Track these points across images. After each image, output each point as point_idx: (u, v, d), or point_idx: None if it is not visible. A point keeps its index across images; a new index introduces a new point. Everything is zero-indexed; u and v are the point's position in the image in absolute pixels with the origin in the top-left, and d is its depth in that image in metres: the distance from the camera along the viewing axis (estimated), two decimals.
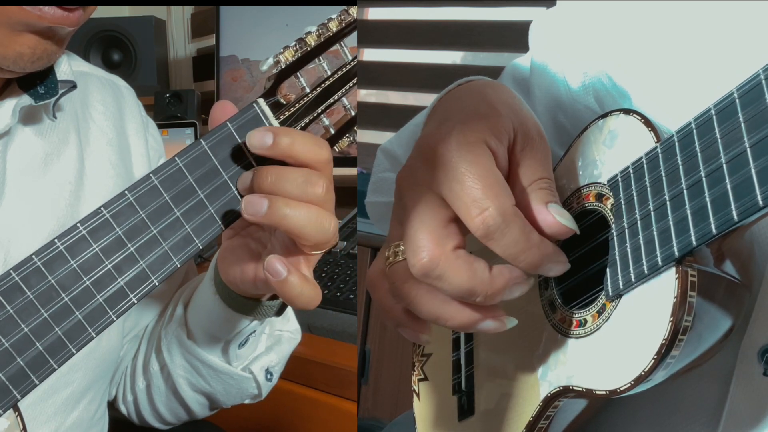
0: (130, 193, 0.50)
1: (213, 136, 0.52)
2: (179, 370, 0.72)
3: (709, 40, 0.50)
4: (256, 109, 0.53)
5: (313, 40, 0.56)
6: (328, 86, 0.56)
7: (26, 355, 0.48)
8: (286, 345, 0.74)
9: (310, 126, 0.56)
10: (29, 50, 0.55)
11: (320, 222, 0.50)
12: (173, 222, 0.51)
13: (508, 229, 0.44)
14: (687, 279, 0.42)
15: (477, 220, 0.44)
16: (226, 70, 1.70)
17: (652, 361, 0.43)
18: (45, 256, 0.48)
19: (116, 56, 1.97)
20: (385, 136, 2.21)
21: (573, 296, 0.51)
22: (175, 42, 2.12)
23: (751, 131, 0.38)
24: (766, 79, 0.38)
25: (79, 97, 0.70)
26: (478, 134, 0.46)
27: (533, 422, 0.51)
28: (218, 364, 0.70)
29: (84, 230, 0.48)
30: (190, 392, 0.73)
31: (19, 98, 0.61)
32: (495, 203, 0.43)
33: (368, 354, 1.82)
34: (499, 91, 0.51)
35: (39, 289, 0.48)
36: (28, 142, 0.64)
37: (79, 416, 0.68)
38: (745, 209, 0.38)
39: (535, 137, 0.48)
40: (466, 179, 0.44)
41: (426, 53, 2.24)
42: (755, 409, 0.47)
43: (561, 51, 0.65)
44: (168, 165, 0.51)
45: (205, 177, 0.51)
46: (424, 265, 0.45)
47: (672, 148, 0.44)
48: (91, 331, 0.49)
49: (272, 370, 0.73)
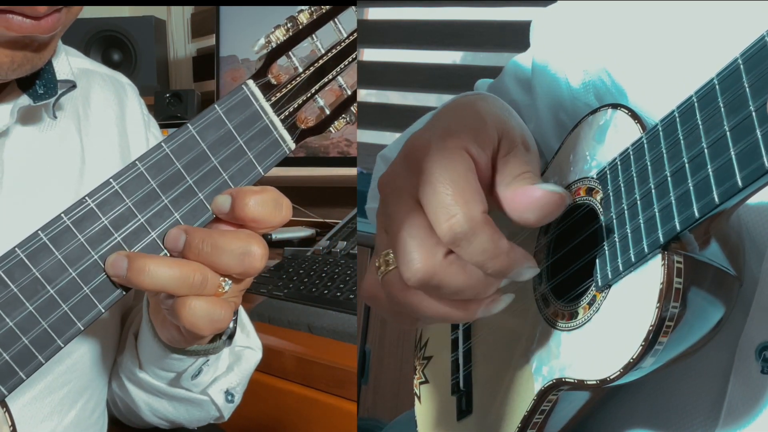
0: (115, 181, 0.48)
1: (201, 120, 0.50)
2: (140, 394, 0.70)
3: (708, 38, 0.50)
4: (246, 91, 0.52)
5: (306, 18, 0.54)
6: (322, 65, 0.54)
7: (12, 349, 0.46)
8: (247, 363, 0.72)
9: (304, 106, 0.54)
10: (7, 59, 0.54)
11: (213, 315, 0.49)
12: (161, 210, 0.49)
13: (474, 237, 0.43)
14: (673, 265, 0.42)
15: (444, 226, 0.43)
16: (226, 70, 1.70)
17: (640, 348, 0.43)
18: (29, 248, 0.46)
19: (116, 56, 1.97)
20: (385, 136, 2.22)
21: (565, 290, 0.51)
22: (175, 42, 2.12)
23: (729, 115, 0.39)
24: (744, 63, 0.38)
25: (80, 94, 0.70)
26: (457, 141, 0.45)
27: (528, 417, 0.51)
28: (174, 391, 0.68)
29: (68, 221, 0.47)
30: (152, 417, 0.72)
31: (18, 98, 0.61)
32: (464, 210, 0.43)
33: (368, 354, 1.82)
34: (490, 103, 0.50)
35: (23, 282, 0.46)
36: (27, 141, 0.64)
37: (76, 416, 0.68)
38: (725, 191, 0.39)
39: (519, 144, 0.47)
40: (438, 184, 0.44)
41: (426, 53, 2.24)
42: (753, 407, 0.47)
43: (561, 49, 0.65)
44: (154, 151, 0.49)
45: (193, 162, 0.50)
46: (420, 278, 0.44)
47: (656, 137, 0.44)
48: (78, 324, 0.48)
49: (233, 391, 0.70)
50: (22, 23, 0.51)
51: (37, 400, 0.63)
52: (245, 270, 0.49)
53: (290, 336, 0.99)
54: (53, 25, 0.53)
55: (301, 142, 0.55)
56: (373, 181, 0.74)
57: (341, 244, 1.20)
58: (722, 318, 0.45)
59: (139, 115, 0.76)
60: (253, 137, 0.52)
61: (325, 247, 1.21)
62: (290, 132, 0.54)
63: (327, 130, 0.56)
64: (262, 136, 0.53)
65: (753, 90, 0.37)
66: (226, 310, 0.49)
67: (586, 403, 0.54)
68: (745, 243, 0.46)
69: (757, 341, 0.47)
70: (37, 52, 0.55)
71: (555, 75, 0.65)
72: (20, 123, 0.63)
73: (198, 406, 0.70)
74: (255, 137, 0.52)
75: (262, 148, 0.53)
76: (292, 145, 0.54)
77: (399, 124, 2.12)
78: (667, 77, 0.52)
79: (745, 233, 0.47)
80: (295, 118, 0.54)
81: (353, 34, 0.55)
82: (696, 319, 0.44)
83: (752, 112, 0.37)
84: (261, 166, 0.53)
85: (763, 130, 0.37)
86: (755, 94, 0.37)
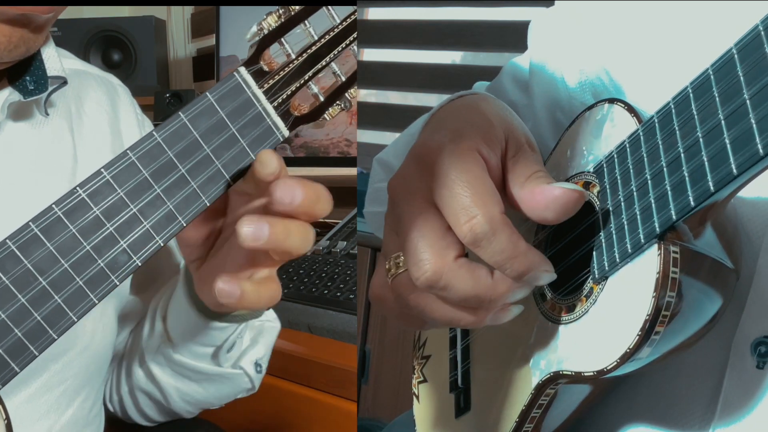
0: (106, 170, 0.48)
1: (192, 108, 0.50)
2: (170, 380, 0.71)
3: (705, 37, 0.50)
4: (237, 78, 0.51)
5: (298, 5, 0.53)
6: (315, 51, 0.54)
7: (4, 342, 0.46)
8: (269, 335, 0.74)
9: (297, 93, 0.54)
10: (5, 38, 0.54)
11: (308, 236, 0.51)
12: (153, 199, 0.49)
13: (495, 237, 0.44)
14: (669, 255, 0.42)
15: (465, 227, 0.44)
16: (226, 70, 1.70)
17: (636, 337, 0.43)
18: (19, 240, 0.46)
19: (116, 56, 1.97)
20: (385, 136, 2.22)
21: (562, 283, 0.51)
22: (175, 42, 2.12)
23: (724, 103, 0.39)
24: (738, 52, 0.38)
25: (73, 94, 0.70)
26: (470, 142, 0.46)
27: (526, 411, 0.51)
28: (210, 369, 0.69)
29: (59, 211, 0.47)
30: (180, 403, 0.73)
31: (8, 94, 0.61)
32: (483, 210, 0.44)
33: (368, 354, 1.82)
34: (492, 104, 0.51)
35: (15, 273, 0.46)
36: (18, 137, 0.64)
37: (73, 414, 0.68)
38: (720, 179, 0.39)
39: (525, 146, 0.48)
40: (456, 186, 0.45)
41: (426, 53, 2.24)
42: (749, 402, 0.47)
43: (558, 49, 0.65)
44: (146, 140, 0.49)
45: (185, 151, 0.49)
46: (428, 278, 0.45)
47: (652, 129, 0.44)
48: (71, 315, 0.47)
49: (261, 362, 0.73)
50: None
51: (33, 399, 0.63)
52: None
53: (290, 336, 0.99)
54: (51, 7, 0.54)
55: (295, 129, 0.55)
56: (370, 186, 0.74)
57: (341, 244, 1.20)
58: (719, 310, 0.45)
59: (132, 116, 0.76)
60: (246, 125, 0.52)
61: (325, 247, 1.21)
62: (284, 119, 0.54)
63: (321, 118, 0.56)
64: (255, 124, 0.52)
65: (747, 78, 0.37)
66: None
67: (585, 398, 0.54)
68: (741, 237, 0.46)
69: (752, 336, 0.47)
70: (34, 33, 0.56)
71: (552, 75, 0.66)
72: (11, 119, 0.63)
73: (230, 382, 0.71)
74: (248, 125, 0.52)
75: (255, 136, 0.52)
76: (285, 132, 0.54)
77: (399, 124, 2.11)
78: (664, 76, 0.52)
79: (740, 227, 0.47)
80: (289, 105, 0.54)
81: (347, 19, 0.55)
82: (692, 309, 0.44)
83: (746, 100, 0.37)
84: (254, 153, 0.52)
85: (757, 117, 0.37)
86: (749, 82, 0.37)
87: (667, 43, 0.53)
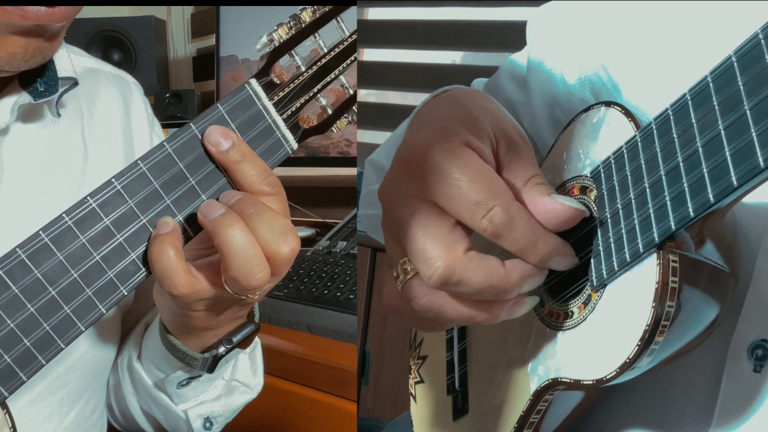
0: (117, 180, 0.48)
1: (203, 119, 0.50)
2: (130, 388, 0.71)
3: (702, 34, 0.50)
4: (248, 90, 0.52)
5: (308, 17, 0.54)
6: (325, 64, 0.54)
7: (13, 351, 0.46)
8: (238, 398, 0.71)
9: (306, 106, 0.54)
10: (21, 50, 0.54)
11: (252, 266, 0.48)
12: (163, 210, 0.49)
13: (514, 224, 0.44)
14: (669, 265, 0.42)
15: (483, 221, 0.44)
16: (226, 70, 1.70)
17: (636, 347, 0.43)
18: (29, 249, 0.46)
19: (116, 56, 1.97)
20: (385, 136, 2.20)
21: (560, 290, 0.51)
22: (175, 42, 2.12)
23: (724, 114, 0.39)
24: (738, 61, 0.38)
25: (85, 92, 0.70)
26: (458, 138, 0.46)
27: (524, 417, 0.51)
28: (156, 394, 0.68)
29: (70, 221, 0.47)
30: (143, 418, 0.72)
31: (18, 96, 0.61)
32: (498, 201, 0.44)
33: (368, 354, 1.82)
34: (474, 97, 0.51)
35: (24, 283, 0.46)
36: (28, 139, 0.64)
37: (76, 417, 0.67)
38: (720, 191, 0.39)
39: (517, 140, 0.48)
40: (462, 184, 0.44)
41: (426, 53, 2.24)
42: (746, 406, 0.47)
43: (557, 46, 0.65)
44: (156, 151, 0.49)
45: (195, 163, 0.50)
46: (441, 274, 0.44)
47: (650, 136, 0.44)
48: (80, 325, 0.47)
49: (213, 420, 0.70)
50: (38, 11, 0.52)
51: (36, 402, 0.63)
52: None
53: (290, 336, 0.99)
54: (66, 13, 0.54)
55: (303, 141, 0.55)
56: (363, 188, 0.74)
57: (341, 244, 1.20)
58: (717, 316, 0.45)
59: (144, 115, 0.76)
60: (256, 137, 0.52)
61: (325, 247, 1.21)
62: (292, 132, 0.54)
63: (329, 130, 0.56)
64: (265, 136, 0.52)
65: (747, 88, 0.37)
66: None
67: (581, 403, 0.54)
68: (740, 240, 0.46)
69: (749, 340, 0.47)
70: (49, 41, 0.56)
71: (550, 71, 0.65)
72: (21, 121, 0.63)
73: (175, 420, 0.69)
74: (257, 137, 0.52)
75: (264, 149, 0.52)
76: (294, 145, 0.54)
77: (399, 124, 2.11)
78: (662, 73, 0.52)
79: (739, 230, 0.47)
80: (298, 118, 0.54)
81: (355, 33, 0.55)
82: (691, 317, 0.44)
83: (747, 111, 0.37)
84: None
85: (758, 130, 0.37)
86: (750, 93, 0.37)
87: (664, 40, 0.53)
